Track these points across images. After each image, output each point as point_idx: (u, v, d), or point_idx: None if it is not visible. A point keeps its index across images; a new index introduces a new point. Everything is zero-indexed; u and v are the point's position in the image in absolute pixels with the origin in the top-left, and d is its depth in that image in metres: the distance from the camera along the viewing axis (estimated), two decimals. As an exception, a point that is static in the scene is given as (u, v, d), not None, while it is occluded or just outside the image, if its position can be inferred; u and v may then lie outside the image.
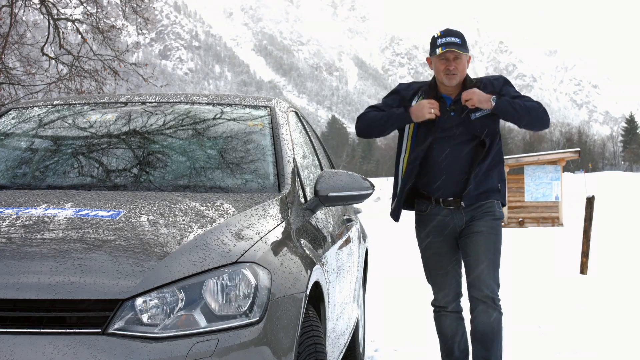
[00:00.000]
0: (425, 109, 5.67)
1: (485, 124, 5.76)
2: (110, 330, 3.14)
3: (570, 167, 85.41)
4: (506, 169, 34.98)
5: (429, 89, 5.87)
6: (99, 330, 3.13)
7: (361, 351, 7.34)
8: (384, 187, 45.70)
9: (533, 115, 5.70)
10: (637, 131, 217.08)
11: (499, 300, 5.85)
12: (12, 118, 5.36)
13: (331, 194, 4.64)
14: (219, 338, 3.24)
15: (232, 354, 3.25)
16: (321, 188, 4.65)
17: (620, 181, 74.74)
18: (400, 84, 6.08)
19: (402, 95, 5.91)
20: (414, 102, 5.81)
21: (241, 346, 3.27)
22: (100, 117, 5.21)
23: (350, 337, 6.21)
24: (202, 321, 3.26)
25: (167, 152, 4.92)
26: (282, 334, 3.48)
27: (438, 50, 5.69)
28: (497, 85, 5.81)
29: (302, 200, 4.72)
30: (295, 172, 4.81)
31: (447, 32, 5.76)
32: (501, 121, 5.84)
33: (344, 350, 5.79)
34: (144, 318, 3.20)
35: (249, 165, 4.79)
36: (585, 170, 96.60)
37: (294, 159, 4.91)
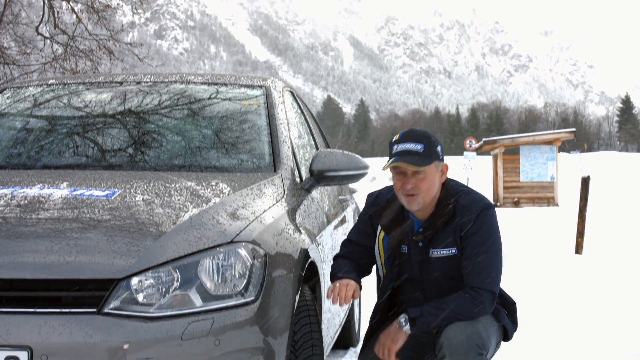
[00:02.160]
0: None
1: (446, 267, 4.27)
2: (106, 310, 3.13)
3: (565, 147, 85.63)
4: (502, 149, 35.03)
5: (392, 207, 4.37)
6: (95, 310, 3.12)
7: (357, 331, 7.36)
8: (379, 167, 45.75)
9: (465, 314, 4.11)
10: (633, 111, 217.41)
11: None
12: (7, 98, 5.35)
13: (327, 173, 4.64)
14: (214, 318, 3.23)
15: (228, 334, 3.25)
16: (317, 167, 4.65)
17: (615, 161, 74.88)
18: (369, 197, 4.55)
19: (370, 217, 4.47)
20: (378, 229, 4.44)
21: (236, 326, 3.27)
22: (95, 97, 5.20)
23: (345, 317, 6.23)
24: (197, 301, 3.26)
25: (162, 131, 4.91)
26: (277, 313, 3.48)
27: (389, 162, 4.18)
28: (468, 218, 4.20)
29: (298, 180, 4.72)
30: (291, 151, 4.81)
31: (405, 136, 4.20)
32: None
33: (340, 329, 5.80)
34: (140, 298, 3.20)
35: (244, 145, 4.79)
36: (581, 150, 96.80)
37: (289, 138, 4.90)
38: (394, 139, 4.25)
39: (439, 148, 4.24)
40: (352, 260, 4.42)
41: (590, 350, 7.15)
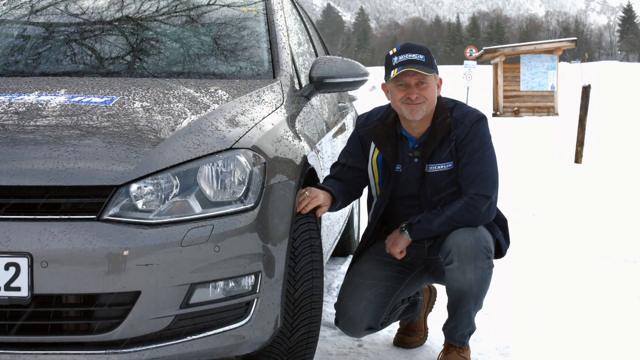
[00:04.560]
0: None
1: (444, 181, 4.29)
2: (105, 217, 3.13)
3: (566, 56, 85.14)
4: (502, 58, 34.88)
5: (384, 126, 4.36)
6: (94, 216, 3.12)
7: (355, 238, 7.39)
8: (379, 75, 45.64)
9: (461, 221, 4.15)
10: (634, 21, 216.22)
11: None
12: (3, 4, 5.29)
13: (326, 80, 4.60)
14: (213, 224, 3.24)
15: (227, 240, 3.26)
16: (316, 74, 4.61)
17: (616, 71, 74.63)
18: (359, 119, 4.56)
19: (360, 138, 4.46)
20: (371, 150, 4.41)
21: (236, 232, 3.28)
22: (93, 3, 5.15)
23: (345, 224, 6.25)
24: (197, 207, 3.26)
25: (160, 38, 4.87)
26: (277, 220, 3.48)
27: (393, 72, 4.18)
28: (462, 130, 4.23)
29: (297, 87, 4.68)
30: (290, 58, 4.77)
31: (405, 48, 4.24)
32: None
33: (339, 237, 5.82)
34: (139, 204, 3.20)
35: (243, 51, 4.75)
36: (582, 59, 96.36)
37: (289, 45, 4.86)
38: (391, 53, 4.27)
39: (435, 62, 4.28)
40: (339, 180, 4.40)
41: (589, 255, 7.20)
